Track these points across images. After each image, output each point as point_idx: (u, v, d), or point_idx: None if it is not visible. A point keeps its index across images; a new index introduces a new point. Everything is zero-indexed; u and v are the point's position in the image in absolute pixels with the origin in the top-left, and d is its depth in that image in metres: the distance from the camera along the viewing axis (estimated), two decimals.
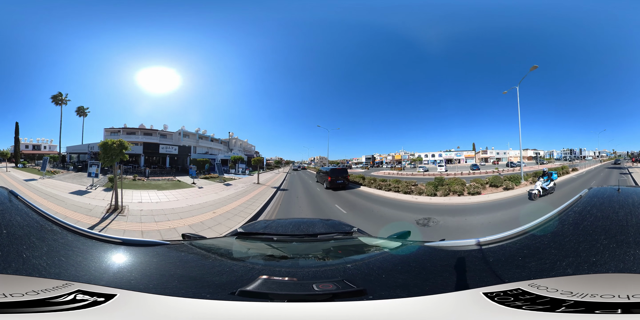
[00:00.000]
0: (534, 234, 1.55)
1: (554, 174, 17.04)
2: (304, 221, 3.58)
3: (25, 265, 1.24)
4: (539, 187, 15.71)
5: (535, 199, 15.40)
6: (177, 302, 1.23)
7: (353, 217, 13.62)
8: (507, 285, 1.21)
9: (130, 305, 1.18)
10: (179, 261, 1.86)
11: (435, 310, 1.19)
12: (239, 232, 2.93)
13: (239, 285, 1.32)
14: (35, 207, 1.79)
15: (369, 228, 4.59)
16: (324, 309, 1.20)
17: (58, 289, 1.16)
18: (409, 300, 1.24)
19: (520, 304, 1.10)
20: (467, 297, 1.23)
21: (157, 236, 9.74)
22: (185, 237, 2.84)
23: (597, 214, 1.58)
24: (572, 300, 1.05)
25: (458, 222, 12.31)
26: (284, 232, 2.94)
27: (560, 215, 1.66)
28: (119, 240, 1.81)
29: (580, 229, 1.44)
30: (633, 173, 28.17)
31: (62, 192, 16.78)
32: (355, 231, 2.99)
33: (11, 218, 1.55)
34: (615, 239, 1.28)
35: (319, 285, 1.35)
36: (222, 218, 12.43)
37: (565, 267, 1.21)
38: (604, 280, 1.10)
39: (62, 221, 1.74)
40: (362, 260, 2.05)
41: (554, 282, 1.15)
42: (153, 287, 1.34)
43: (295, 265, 2.04)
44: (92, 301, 1.16)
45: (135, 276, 1.45)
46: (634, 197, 1.81)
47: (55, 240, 1.51)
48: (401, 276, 1.57)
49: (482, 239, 1.68)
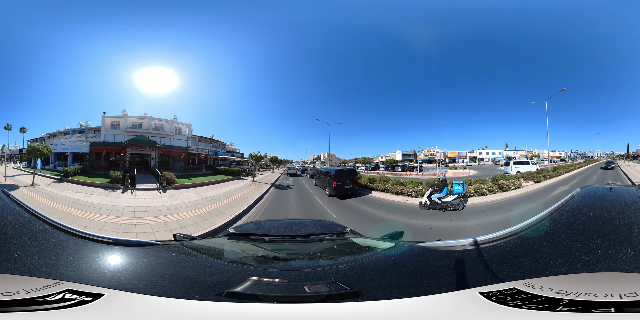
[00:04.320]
0: (527, 234, 1.56)
1: (456, 184, 13.52)
2: (296, 222, 3.57)
3: (17, 265, 1.25)
4: (425, 197, 13.16)
5: (423, 209, 12.94)
6: (165, 302, 1.21)
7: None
8: (502, 284, 1.21)
9: (117, 304, 1.17)
10: (169, 261, 1.84)
11: (432, 310, 1.18)
12: (231, 233, 2.90)
13: (229, 286, 1.31)
14: (27, 207, 1.79)
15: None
16: (314, 310, 1.19)
17: (48, 288, 1.15)
18: (404, 301, 1.23)
19: (518, 304, 1.10)
20: (464, 297, 1.22)
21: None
22: (177, 237, 2.80)
23: (589, 213, 1.60)
24: (567, 299, 1.05)
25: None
26: (276, 232, 2.92)
27: (553, 214, 1.68)
28: (111, 240, 1.80)
29: (572, 228, 1.45)
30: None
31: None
32: (347, 232, 2.98)
33: (3, 217, 1.55)
34: (607, 238, 1.30)
35: (310, 287, 1.34)
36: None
37: (558, 266, 1.22)
38: (597, 279, 1.11)
39: (54, 221, 1.73)
40: (355, 261, 2.04)
41: (548, 281, 1.15)
42: (142, 287, 1.32)
43: (287, 267, 2.02)
44: (79, 300, 1.15)
45: (125, 276, 1.43)
46: (625, 196, 1.83)
47: (46, 240, 1.51)
48: (395, 277, 1.57)
49: (475, 239, 1.69)
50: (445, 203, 12.74)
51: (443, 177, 13.86)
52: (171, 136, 33.00)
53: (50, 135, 33.52)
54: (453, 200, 12.73)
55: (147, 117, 32.17)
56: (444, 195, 12.93)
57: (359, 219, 12.30)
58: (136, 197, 15.37)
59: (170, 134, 33.10)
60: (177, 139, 33.66)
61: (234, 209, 13.52)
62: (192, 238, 2.86)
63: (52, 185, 17.48)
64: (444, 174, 15.29)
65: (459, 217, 11.76)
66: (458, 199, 12.85)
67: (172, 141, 32.80)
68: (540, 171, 24.43)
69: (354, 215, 13.13)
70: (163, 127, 33.00)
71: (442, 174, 15.28)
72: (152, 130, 31.76)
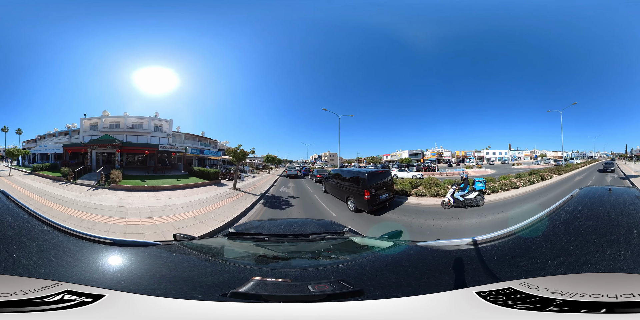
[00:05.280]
0: (526, 234, 1.56)
1: (478, 182, 13.74)
2: (295, 221, 3.57)
3: (15, 265, 1.24)
4: (449, 195, 13.16)
5: (446, 208, 12.91)
6: (168, 302, 1.21)
7: None
8: (499, 284, 1.22)
9: (119, 305, 1.17)
10: (170, 262, 1.84)
11: (428, 309, 1.19)
12: (231, 233, 2.91)
13: (231, 286, 1.31)
14: (26, 207, 1.78)
15: None
16: (320, 309, 1.20)
17: (47, 289, 1.15)
18: (402, 300, 1.24)
19: (511, 303, 1.11)
20: (460, 296, 1.23)
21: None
22: (177, 237, 2.81)
23: (588, 213, 1.60)
24: (561, 300, 1.05)
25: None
26: (276, 232, 2.92)
27: (552, 215, 1.68)
28: (110, 241, 1.80)
29: (571, 229, 1.45)
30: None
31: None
32: (347, 231, 2.98)
33: (2, 218, 1.55)
34: (606, 238, 1.30)
35: (314, 286, 1.34)
36: None
37: (556, 266, 1.22)
38: (594, 280, 1.11)
39: (54, 221, 1.73)
40: (355, 260, 2.05)
41: (544, 281, 1.15)
42: (143, 287, 1.32)
43: (288, 266, 2.02)
44: (79, 301, 1.14)
45: (126, 277, 1.43)
46: (624, 197, 1.83)
47: (45, 241, 1.51)
48: (394, 276, 1.57)
49: (474, 239, 1.69)
50: (469, 200, 13.07)
51: (465, 176, 14.42)
52: (148, 134, 32.11)
53: (40, 137, 36.16)
54: (475, 197, 13.13)
55: (124, 116, 32.31)
56: (465, 193, 13.27)
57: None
58: (70, 190, 17.27)
59: (148, 131, 32.20)
60: (155, 137, 32.40)
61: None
62: (192, 238, 2.87)
63: (22, 176, 22.62)
64: (466, 173, 15.49)
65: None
66: (480, 196, 13.28)
67: (150, 139, 31.83)
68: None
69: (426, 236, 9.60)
70: (141, 125, 32.54)
71: (465, 173, 15.50)
72: (127, 128, 31.72)
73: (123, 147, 28.69)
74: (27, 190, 16.33)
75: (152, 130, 32.64)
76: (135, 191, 17.42)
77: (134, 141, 30.55)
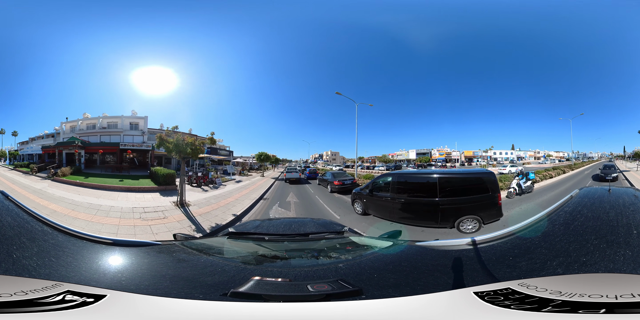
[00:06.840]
0: (525, 234, 1.56)
1: (531, 173, 17.09)
2: (295, 221, 3.57)
3: (15, 266, 1.24)
4: (514, 185, 15.66)
5: (512, 197, 14.99)
6: (169, 302, 1.21)
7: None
8: (497, 284, 1.22)
9: (120, 305, 1.17)
10: (170, 261, 1.84)
11: (426, 309, 1.19)
12: (231, 232, 2.92)
13: (231, 285, 1.31)
14: (26, 208, 1.78)
15: None
16: (319, 308, 1.20)
17: (47, 290, 1.15)
18: (400, 300, 1.24)
19: (509, 304, 1.11)
20: (458, 296, 1.23)
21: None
22: (177, 237, 2.81)
23: (587, 214, 1.60)
24: (560, 300, 1.05)
25: None
26: (276, 231, 2.93)
27: (551, 215, 1.68)
28: (110, 241, 1.80)
29: (570, 229, 1.46)
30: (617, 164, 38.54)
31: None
32: (346, 230, 2.99)
33: (1, 218, 1.55)
34: (605, 239, 1.30)
35: (313, 286, 1.35)
36: None
37: (555, 266, 1.22)
38: (593, 280, 1.11)
39: (53, 222, 1.73)
40: (354, 259, 2.05)
41: (543, 281, 1.15)
42: (144, 287, 1.33)
43: (287, 265, 2.03)
44: (81, 302, 1.15)
45: (126, 277, 1.43)
46: (624, 198, 1.83)
47: (45, 241, 1.51)
48: (393, 276, 1.57)
49: (474, 239, 1.69)
50: (527, 187, 16.05)
51: (522, 169, 18.06)
52: (121, 132, 32.83)
53: (31, 139, 40.35)
54: (530, 185, 16.32)
55: (102, 117, 33.69)
56: (524, 182, 16.15)
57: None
58: (28, 179, 22.70)
59: (121, 130, 33.00)
60: (129, 135, 32.58)
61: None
62: (192, 238, 2.87)
63: (7, 171, 28.50)
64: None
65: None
66: (532, 184, 16.64)
67: (123, 138, 32.45)
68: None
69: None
70: (116, 125, 33.48)
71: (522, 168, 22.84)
72: (100, 128, 33.34)
73: (86, 147, 31.45)
74: (2, 177, 23.12)
75: (127, 129, 33.46)
76: (71, 185, 19.79)
77: (107, 141, 32.21)
